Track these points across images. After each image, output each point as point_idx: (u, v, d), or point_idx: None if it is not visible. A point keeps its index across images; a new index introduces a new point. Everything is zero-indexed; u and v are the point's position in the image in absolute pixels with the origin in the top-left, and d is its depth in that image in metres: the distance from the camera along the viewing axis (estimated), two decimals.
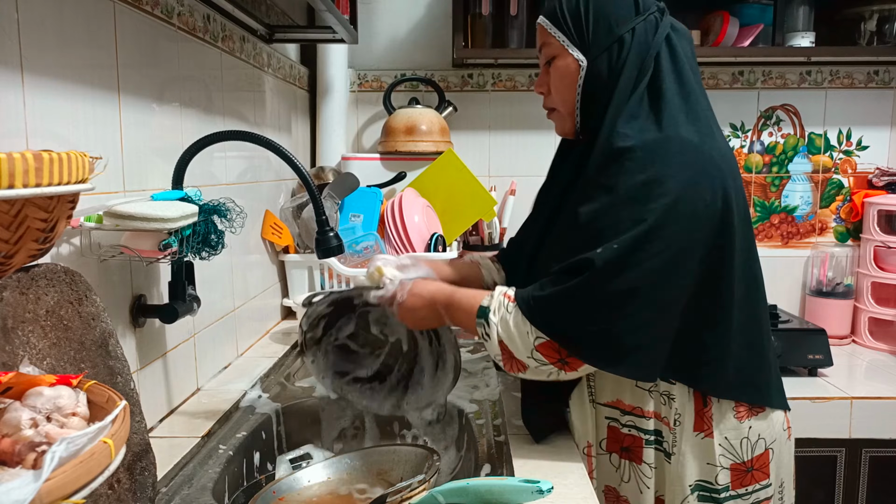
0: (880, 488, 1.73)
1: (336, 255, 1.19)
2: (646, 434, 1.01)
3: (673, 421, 0.99)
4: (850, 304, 2.15)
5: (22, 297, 0.72)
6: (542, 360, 0.92)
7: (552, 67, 1.04)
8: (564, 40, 1.02)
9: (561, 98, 1.05)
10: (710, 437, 0.98)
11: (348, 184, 1.93)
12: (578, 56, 1.01)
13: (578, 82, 1.01)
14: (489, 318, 0.95)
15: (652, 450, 1.01)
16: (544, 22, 1.05)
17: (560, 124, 1.09)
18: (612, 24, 0.98)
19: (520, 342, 0.93)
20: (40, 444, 0.52)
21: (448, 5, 2.13)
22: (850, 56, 2.14)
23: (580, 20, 1.00)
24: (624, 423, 1.03)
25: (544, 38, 1.05)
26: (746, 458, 1.00)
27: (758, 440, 1.00)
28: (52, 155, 0.53)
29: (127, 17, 1.02)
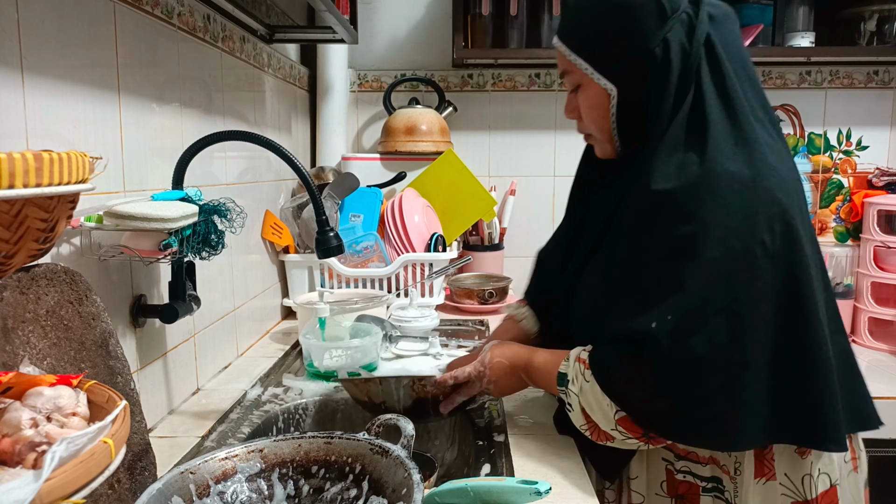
0: (880, 488, 1.72)
1: (336, 255, 1.19)
2: (702, 481, 0.94)
3: (733, 469, 0.92)
4: (849, 304, 2.15)
5: (22, 296, 0.72)
6: (626, 434, 0.87)
7: (580, 95, 0.95)
8: (588, 68, 0.91)
9: (595, 126, 0.96)
10: (773, 481, 0.91)
11: (348, 184, 1.93)
12: (606, 84, 0.90)
13: (611, 111, 0.92)
14: (569, 388, 0.91)
15: (710, 498, 0.94)
16: (562, 48, 0.93)
17: (600, 149, 1.00)
18: (639, 41, 0.86)
19: (601, 415, 0.87)
20: (40, 443, 0.52)
21: (448, 5, 2.13)
22: (850, 56, 2.14)
23: (601, 42, 0.89)
24: (678, 469, 0.95)
25: (565, 64, 0.95)
26: (810, 495, 0.91)
27: (819, 475, 0.92)
28: (53, 155, 0.53)
29: (127, 17, 1.02)
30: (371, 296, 1.69)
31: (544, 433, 1.08)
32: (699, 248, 0.81)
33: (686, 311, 0.81)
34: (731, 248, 0.80)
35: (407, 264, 1.83)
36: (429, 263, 1.84)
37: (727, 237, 0.80)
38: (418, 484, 0.67)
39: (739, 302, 0.81)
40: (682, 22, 0.87)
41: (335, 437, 0.77)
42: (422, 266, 1.84)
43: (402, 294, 1.81)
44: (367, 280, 1.83)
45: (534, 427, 1.11)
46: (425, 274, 1.83)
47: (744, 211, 0.81)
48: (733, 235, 0.81)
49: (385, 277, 1.83)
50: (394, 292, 1.81)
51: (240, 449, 0.76)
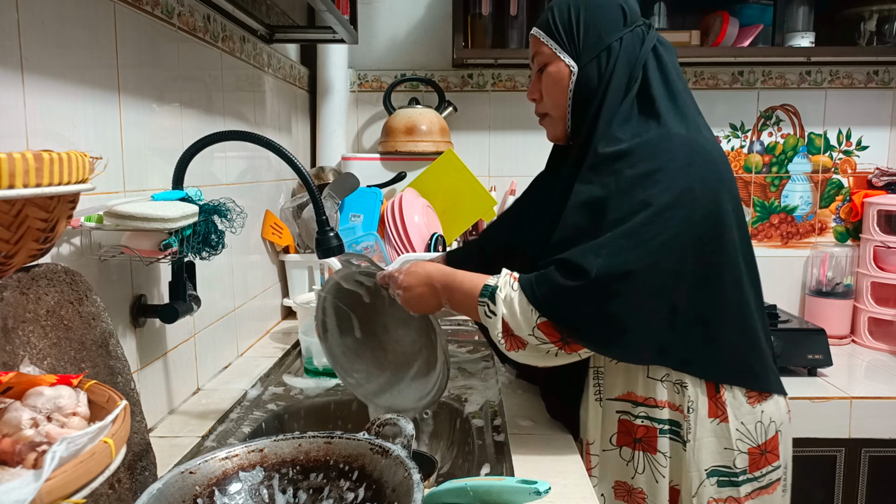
0: (880, 488, 1.73)
1: (336, 255, 1.18)
2: (660, 423, 1.02)
3: (686, 409, 1.00)
4: (849, 304, 2.15)
5: (22, 296, 0.72)
6: (543, 338, 0.95)
7: (544, 74, 1.09)
8: (556, 48, 1.07)
9: (553, 102, 1.10)
10: (726, 423, 1.00)
11: (348, 184, 1.93)
12: (569, 62, 1.06)
13: (570, 87, 1.07)
14: (496, 295, 0.98)
15: (667, 439, 1.02)
16: (538, 32, 1.10)
17: (552, 129, 1.13)
18: (602, 33, 1.04)
19: (522, 319, 0.95)
20: (41, 443, 0.52)
21: (448, 5, 2.13)
22: (850, 56, 2.14)
23: (571, 29, 1.06)
24: (637, 415, 1.03)
25: (537, 47, 1.10)
26: (761, 441, 1.02)
27: (770, 423, 1.03)
28: (53, 155, 0.53)
29: (127, 17, 1.02)
30: None
31: (544, 433, 1.08)
32: (655, 180, 0.94)
33: (623, 234, 0.92)
34: (679, 185, 0.94)
35: (407, 264, 1.82)
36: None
37: (677, 176, 0.94)
38: (418, 484, 0.67)
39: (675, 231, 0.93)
40: (635, 33, 1.05)
41: (335, 437, 0.77)
42: None
43: None
44: None
45: (534, 427, 1.11)
46: None
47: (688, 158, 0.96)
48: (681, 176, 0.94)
49: None
50: None
51: (240, 449, 0.76)
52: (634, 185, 0.94)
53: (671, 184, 0.93)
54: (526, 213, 1.22)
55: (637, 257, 0.91)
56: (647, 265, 0.92)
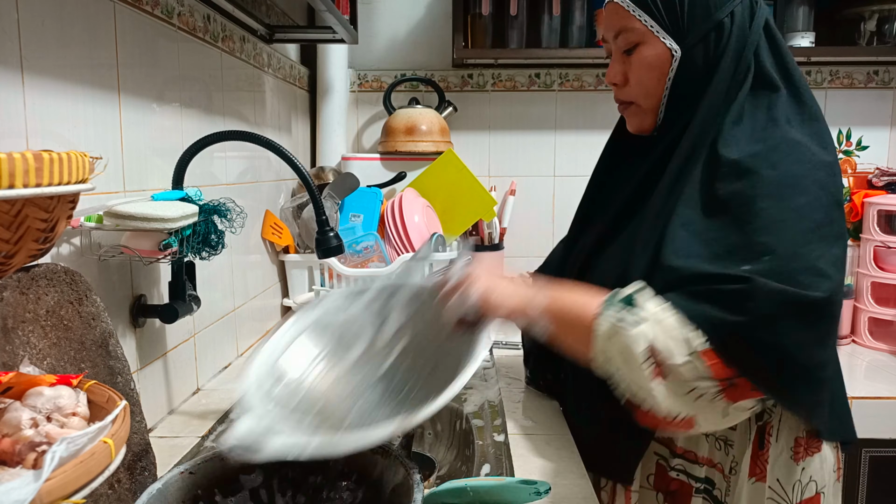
0: (880, 488, 1.73)
1: (336, 255, 1.18)
2: (696, 482, 0.92)
3: (729, 469, 0.91)
4: (849, 304, 2.14)
5: (22, 297, 0.72)
6: (705, 368, 0.75)
7: (635, 56, 0.91)
8: (654, 25, 0.88)
9: (644, 91, 0.92)
10: (763, 482, 0.90)
11: (348, 184, 1.93)
12: (671, 44, 0.88)
13: (669, 74, 0.89)
14: (636, 299, 0.78)
15: (700, 499, 0.93)
16: (623, 1, 0.90)
17: (637, 120, 0.96)
18: (711, 6, 0.86)
19: (680, 337, 0.75)
20: (40, 443, 0.52)
21: (448, 5, 2.13)
22: (850, 56, 2.14)
23: (672, 2, 0.87)
24: (672, 466, 0.94)
25: (624, 21, 0.90)
26: (795, 500, 0.90)
27: (809, 482, 0.91)
28: (53, 155, 0.53)
29: (127, 17, 1.02)
30: None
31: (544, 433, 1.08)
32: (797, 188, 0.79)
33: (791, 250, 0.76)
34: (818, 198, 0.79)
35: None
36: (429, 263, 1.84)
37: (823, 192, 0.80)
38: (418, 484, 0.67)
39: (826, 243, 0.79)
40: (744, 4, 0.88)
41: None
42: None
43: None
44: (367, 280, 1.83)
45: (534, 427, 1.11)
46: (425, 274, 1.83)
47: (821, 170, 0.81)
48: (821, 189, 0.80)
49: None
50: None
51: None
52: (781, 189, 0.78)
53: (821, 195, 0.79)
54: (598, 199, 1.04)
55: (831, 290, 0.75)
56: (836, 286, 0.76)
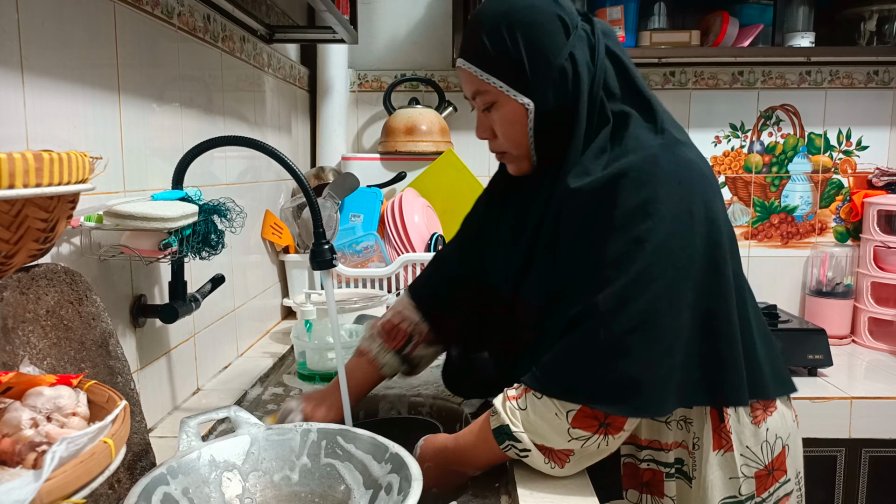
0: (880, 488, 1.73)
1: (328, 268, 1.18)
2: (666, 467, 0.96)
3: (692, 445, 0.95)
4: (849, 304, 2.15)
5: (22, 296, 0.72)
6: (583, 433, 0.84)
7: (494, 113, 0.96)
8: (502, 86, 0.92)
9: (512, 143, 0.97)
10: (731, 451, 0.94)
11: (348, 184, 1.93)
12: (523, 100, 0.92)
13: (529, 125, 0.93)
14: (513, 431, 0.87)
15: (674, 482, 0.96)
16: (471, 68, 0.94)
17: (515, 165, 1.00)
18: (549, 56, 0.90)
19: (551, 430, 0.85)
20: (40, 443, 0.52)
21: (448, 5, 2.13)
22: (850, 56, 2.14)
23: (513, 61, 0.91)
24: (642, 458, 0.97)
25: (475, 84, 0.95)
26: (767, 461, 0.96)
27: (776, 440, 0.96)
28: (53, 155, 0.53)
29: (127, 17, 1.02)
30: (371, 296, 1.69)
31: None
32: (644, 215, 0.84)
33: (628, 279, 0.83)
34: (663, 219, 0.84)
35: (407, 264, 1.83)
36: None
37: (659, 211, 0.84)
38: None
39: (674, 269, 0.84)
40: (580, 38, 0.91)
41: None
42: (422, 266, 1.84)
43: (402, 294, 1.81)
44: (367, 280, 1.83)
45: None
46: None
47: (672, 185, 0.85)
48: (665, 207, 0.84)
49: (385, 277, 1.83)
50: (394, 292, 1.81)
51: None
52: (626, 222, 0.84)
53: (665, 213, 0.84)
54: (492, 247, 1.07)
55: (646, 309, 0.82)
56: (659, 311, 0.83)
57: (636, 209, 0.84)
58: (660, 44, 2.02)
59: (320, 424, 0.86)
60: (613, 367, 0.82)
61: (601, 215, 0.86)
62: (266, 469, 0.83)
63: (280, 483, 0.83)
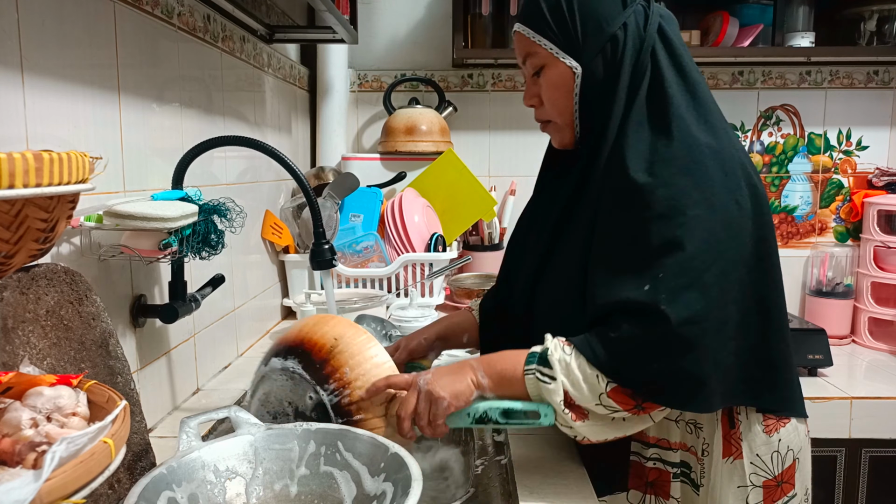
0: (880, 488, 1.73)
1: (328, 268, 1.19)
2: (672, 467, 0.96)
3: (701, 451, 0.94)
4: (849, 304, 2.15)
5: (22, 296, 0.72)
6: (614, 406, 0.82)
7: (543, 78, 0.97)
8: (553, 47, 0.94)
9: (557, 109, 0.97)
10: (740, 459, 0.93)
11: (348, 184, 1.93)
12: (571, 63, 0.93)
13: (575, 91, 0.94)
14: (549, 359, 0.84)
15: (679, 483, 0.96)
16: (524, 30, 0.97)
17: (558, 136, 1.01)
18: (602, 22, 0.92)
19: (586, 388, 0.82)
20: (40, 443, 0.52)
21: (448, 5, 2.13)
22: (850, 56, 2.14)
23: (566, 23, 0.93)
24: (648, 457, 0.97)
25: (528, 47, 0.97)
26: (777, 471, 0.94)
27: (787, 452, 0.95)
28: (53, 155, 0.53)
29: (127, 17, 1.02)
30: (371, 296, 1.69)
31: (544, 433, 1.08)
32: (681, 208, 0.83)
33: (678, 269, 0.81)
34: (711, 206, 0.83)
35: (407, 264, 1.83)
36: (429, 263, 1.84)
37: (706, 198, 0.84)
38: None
39: (724, 259, 0.83)
40: (637, 12, 0.93)
41: None
42: (422, 266, 1.84)
43: (402, 294, 1.81)
44: (367, 280, 1.83)
45: (534, 428, 1.10)
46: (425, 274, 1.84)
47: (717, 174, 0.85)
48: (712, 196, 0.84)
49: (385, 277, 1.83)
50: (394, 292, 1.81)
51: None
52: (672, 209, 0.83)
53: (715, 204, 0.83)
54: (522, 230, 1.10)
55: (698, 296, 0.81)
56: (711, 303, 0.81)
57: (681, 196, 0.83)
58: None
59: (320, 424, 0.86)
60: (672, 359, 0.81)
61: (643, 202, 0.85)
62: (266, 469, 0.83)
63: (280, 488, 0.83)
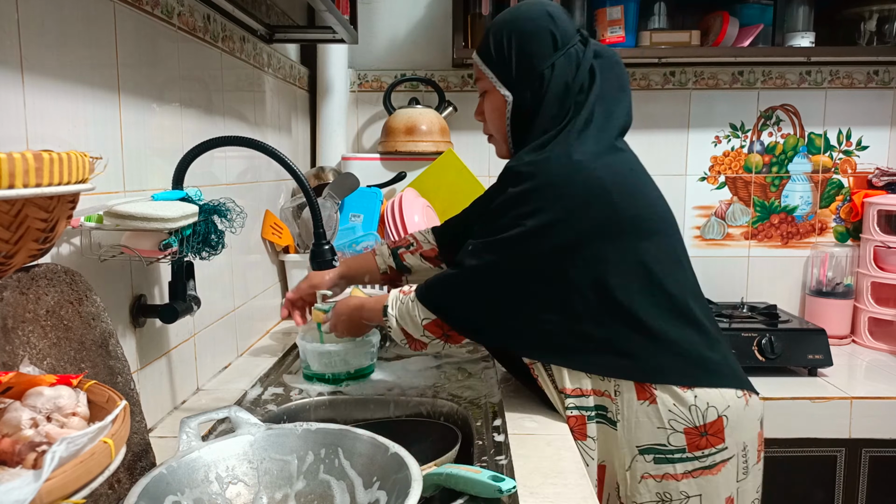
0: (880, 488, 1.73)
1: (329, 268, 1.26)
2: (587, 411, 1.08)
3: (613, 392, 1.07)
4: (849, 304, 2.15)
5: (22, 297, 0.72)
6: (432, 336, 1.12)
7: (485, 99, 1.18)
8: (493, 77, 1.14)
9: (494, 127, 1.19)
10: (655, 405, 1.04)
11: (348, 184, 1.93)
12: (504, 92, 1.13)
13: (507, 114, 1.14)
14: (388, 312, 1.16)
15: (594, 424, 1.09)
16: (476, 60, 1.17)
17: (498, 148, 1.23)
18: (533, 61, 1.09)
19: (412, 325, 1.13)
20: (40, 443, 0.52)
21: (448, 5, 2.13)
22: (850, 56, 2.14)
23: (504, 59, 1.12)
24: (567, 406, 1.09)
25: (478, 73, 1.17)
26: (699, 423, 1.04)
27: (707, 408, 1.05)
28: (53, 155, 0.53)
29: (127, 17, 1.02)
30: (371, 296, 1.69)
31: (545, 433, 1.08)
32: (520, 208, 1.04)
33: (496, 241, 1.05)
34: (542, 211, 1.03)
35: None
36: None
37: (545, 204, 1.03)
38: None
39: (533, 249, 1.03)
40: (568, 55, 1.09)
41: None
42: None
43: None
44: None
45: (534, 427, 1.11)
46: None
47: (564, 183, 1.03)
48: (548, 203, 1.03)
49: None
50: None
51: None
52: (512, 203, 1.04)
53: (543, 206, 1.02)
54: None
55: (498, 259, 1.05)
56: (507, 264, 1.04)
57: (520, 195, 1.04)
58: (660, 44, 2.02)
59: (321, 424, 0.87)
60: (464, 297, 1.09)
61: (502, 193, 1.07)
62: (266, 469, 0.83)
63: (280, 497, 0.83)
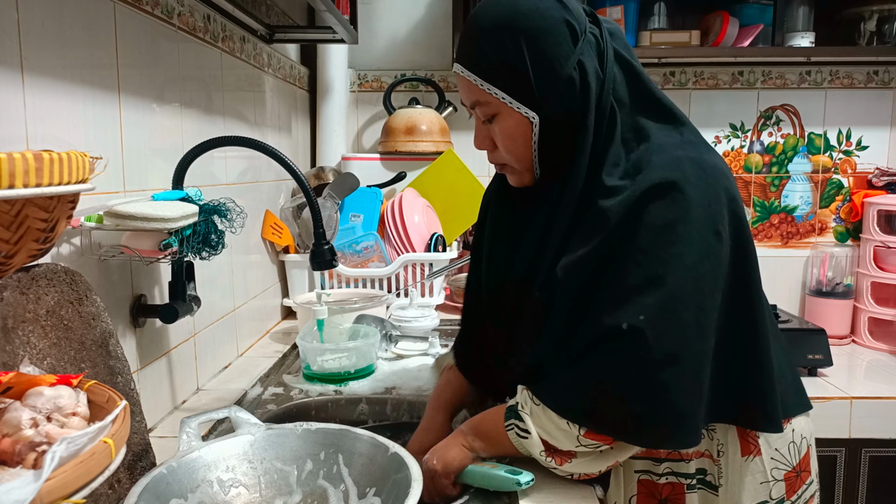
0: (880, 488, 1.73)
1: (329, 268, 1.20)
2: (687, 479, 0.92)
3: (716, 453, 0.92)
4: (849, 304, 2.15)
5: (22, 296, 0.72)
6: (595, 443, 0.81)
7: (496, 125, 0.88)
8: (505, 97, 0.84)
9: (514, 156, 0.89)
10: (760, 456, 0.91)
11: (348, 184, 1.93)
12: (527, 112, 0.84)
13: (533, 139, 0.86)
14: (520, 412, 0.84)
15: (695, 494, 0.93)
16: (470, 77, 0.86)
17: (516, 178, 0.93)
18: (555, 65, 0.82)
19: (561, 435, 0.82)
20: (41, 443, 0.52)
21: (448, 5, 2.13)
22: (850, 56, 2.14)
23: (516, 69, 0.82)
24: (660, 473, 0.93)
25: (476, 94, 0.86)
26: (795, 462, 0.93)
27: (801, 440, 0.94)
28: (53, 155, 0.53)
29: (127, 17, 1.02)
30: (371, 296, 1.69)
31: None
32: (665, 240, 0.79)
33: (657, 308, 0.78)
34: (691, 242, 0.79)
35: (407, 264, 1.83)
36: (429, 263, 1.84)
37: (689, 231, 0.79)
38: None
39: (702, 294, 0.80)
40: (589, 43, 0.84)
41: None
42: (422, 266, 1.84)
43: (402, 294, 1.81)
44: (367, 280, 1.83)
45: None
46: (425, 274, 1.84)
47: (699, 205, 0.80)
48: (693, 229, 0.80)
49: (385, 277, 1.83)
50: (394, 292, 1.81)
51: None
52: (652, 245, 0.79)
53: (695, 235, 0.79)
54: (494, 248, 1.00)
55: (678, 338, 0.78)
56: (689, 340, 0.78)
57: (662, 230, 0.79)
58: (660, 44, 2.02)
59: (320, 424, 0.86)
60: (643, 401, 0.78)
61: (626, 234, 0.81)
62: (265, 470, 0.83)
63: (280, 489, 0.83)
